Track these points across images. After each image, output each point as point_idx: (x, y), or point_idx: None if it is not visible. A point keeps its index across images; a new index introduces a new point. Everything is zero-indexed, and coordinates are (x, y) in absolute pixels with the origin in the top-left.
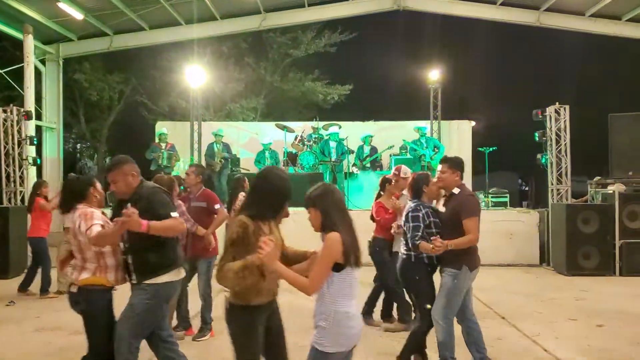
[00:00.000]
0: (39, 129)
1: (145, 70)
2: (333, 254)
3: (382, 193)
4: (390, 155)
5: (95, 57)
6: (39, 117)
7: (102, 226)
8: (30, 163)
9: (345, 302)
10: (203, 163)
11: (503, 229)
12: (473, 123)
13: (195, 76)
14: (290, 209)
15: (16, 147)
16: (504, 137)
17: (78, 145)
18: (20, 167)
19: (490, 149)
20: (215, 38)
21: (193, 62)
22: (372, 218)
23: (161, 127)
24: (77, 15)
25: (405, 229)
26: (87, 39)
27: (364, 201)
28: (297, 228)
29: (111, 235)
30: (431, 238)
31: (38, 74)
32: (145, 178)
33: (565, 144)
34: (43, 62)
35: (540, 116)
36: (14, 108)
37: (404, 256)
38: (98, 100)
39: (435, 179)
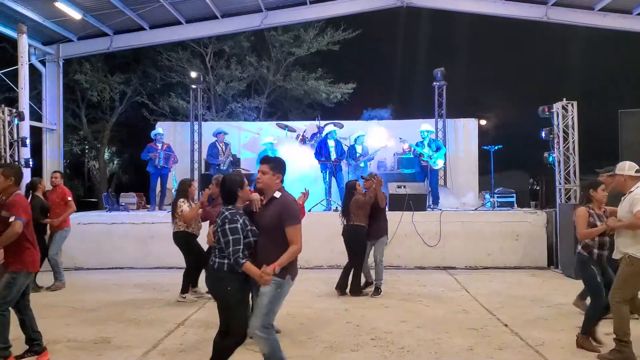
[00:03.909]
0: (39, 130)
1: (146, 70)
2: None
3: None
4: (394, 154)
5: (95, 57)
6: (39, 118)
7: None
8: (22, 165)
9: None
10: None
11: (509, 230)
12: (484, 122)
13: (196, 75)
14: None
15: (7, 148)
16: (514, 135)
17: (86, 148)
18: None
19: (495, 148)
20: (217, 37)
21: (194, 61)
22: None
23: (159, 127)
24: (76, 15)
25: (223, 239)
26: (87, 39)
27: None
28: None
29: None
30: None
31: (39, 75)
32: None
33: (573, 142)
34: (43, 63)
35: (547, 113)
36: (5, 109)
37: (215, 265)
38: (99, 101)
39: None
